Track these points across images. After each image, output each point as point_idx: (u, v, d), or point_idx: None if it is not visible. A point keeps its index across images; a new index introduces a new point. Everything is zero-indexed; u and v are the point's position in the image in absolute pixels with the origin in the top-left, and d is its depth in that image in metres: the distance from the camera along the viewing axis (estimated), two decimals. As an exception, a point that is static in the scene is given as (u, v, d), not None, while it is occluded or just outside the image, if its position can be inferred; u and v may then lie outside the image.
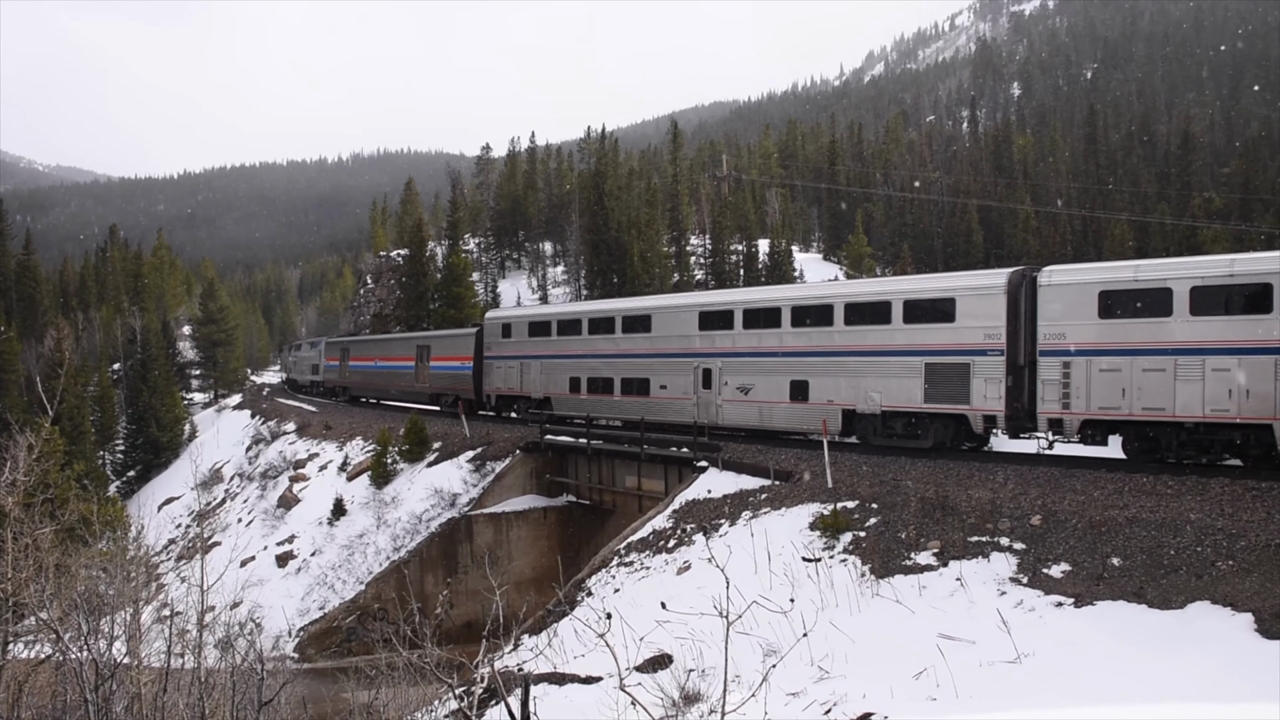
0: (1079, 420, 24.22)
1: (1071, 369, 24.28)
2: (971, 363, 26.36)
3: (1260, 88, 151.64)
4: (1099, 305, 23.87)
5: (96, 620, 13.60)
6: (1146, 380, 22.96)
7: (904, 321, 28.17)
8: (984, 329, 26.19)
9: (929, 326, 27.59)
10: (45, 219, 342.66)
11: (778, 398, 31.74)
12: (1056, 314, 24.59)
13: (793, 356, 31.36)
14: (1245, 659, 12.35)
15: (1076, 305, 24.24)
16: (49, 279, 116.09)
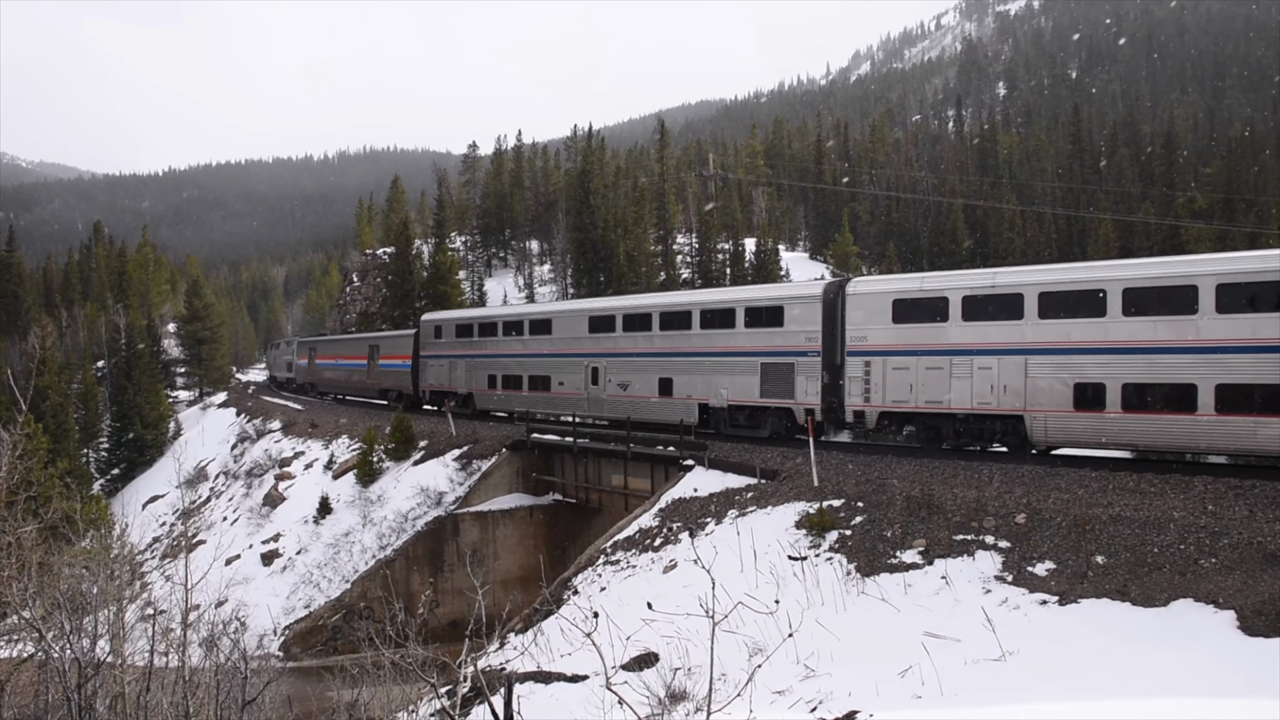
0: (877, 412, 28.07)
1: (871, 368, 28.15)
2: (795, 362, 30.50)
3: (1243, 88, 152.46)
4: (893, 312, 27.73)
5: (80, 619, 13.53)
6: (929, 377, 26.71)
7: (745, 326, 32.44)
8: (805, 333, 30.27)
9: (764, 330, 31.77)
10: (29, 216, 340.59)
11: (650, 393, 35.93)
12: (860, 320, 28.55)
13: (660, 356, 35.68)
14: (1228, 656, 12.43)
15: (876, 312, 28.13)
16: (32, 276, 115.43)
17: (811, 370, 30.00)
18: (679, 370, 34.72)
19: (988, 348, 25.65)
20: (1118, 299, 23.50)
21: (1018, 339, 25.08)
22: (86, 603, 14.80)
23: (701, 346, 33.91)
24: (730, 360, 32.83)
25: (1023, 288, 25.23)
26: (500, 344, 45.61)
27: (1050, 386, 24.50)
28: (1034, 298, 25.03)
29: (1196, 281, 22.26)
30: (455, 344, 49.28)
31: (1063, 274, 25.33)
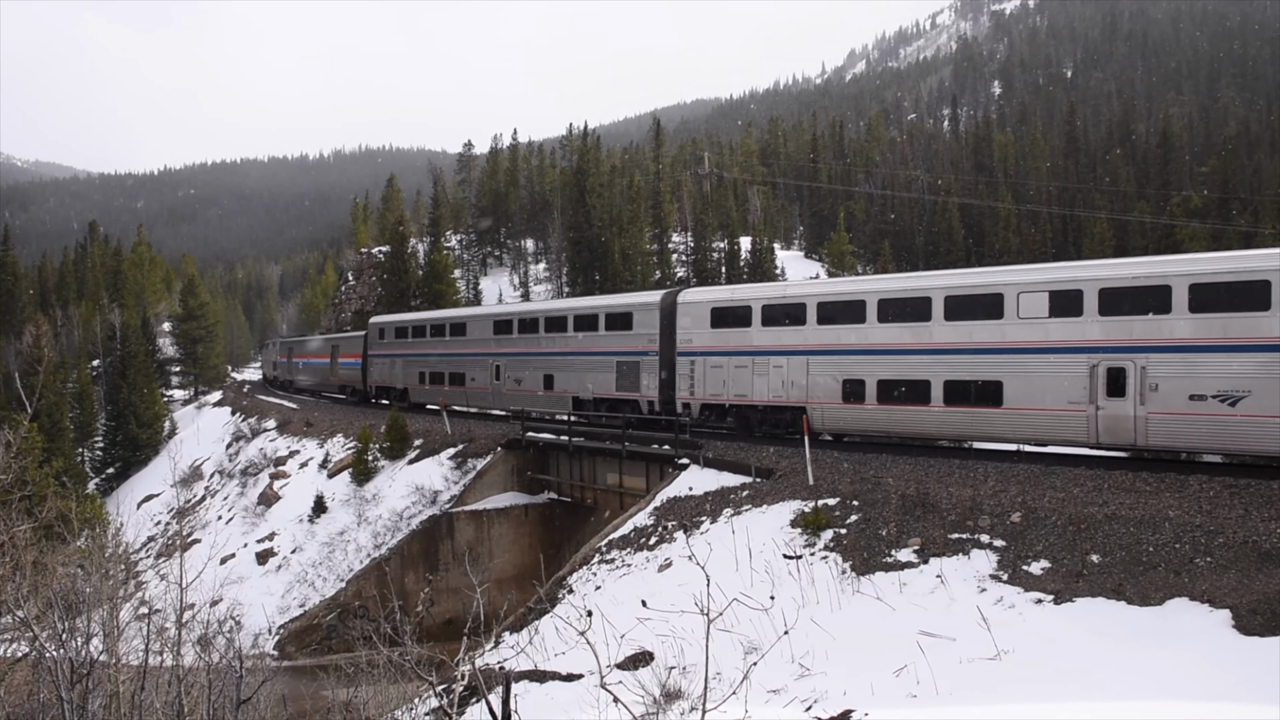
0: (699, 404, 33.62)
1: (695, 366, 33.60)
2: (640, 361, 36.22)
3: (1238, 87, 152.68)
4: (711, 319, 33.13)
5: (74, 618, 13.50)
6: (738, 374, 32.04)
7: (605, 330, 38.49)
8: (647, 336, 35.97)
9: (619, 334, 37.65)
10: (24, 215, 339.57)
11: (537, 388, 42.14)
12: (687, 325, 33.98)
13: (545, 356, 41.97)
14: (1223, 655, 12.43)
15: (699, 319, 33.49)
16: (28, 275, 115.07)
17: (652, 368, 35.68)
18: (558, 368, 41.08)
19: (780, 349, 30.73)
20: (874, 308, 28.24)
21: (801, 342, 30.09)
22: (81, 602, 14.77)
23: (575, 348, 40.17)
24: (595, 359, 38.97)
25: (805, 298, 30.51)
26: (428, 344, 52.28)
27: (825, 382, 29.47)
28: (814, 307, 30.04)
29: (930, 294, 27.14)
30: (395, 344, 55.99)
31: (835, 287, 31.72)
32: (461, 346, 48.63)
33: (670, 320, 34.99)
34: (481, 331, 47.22)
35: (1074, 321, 24.27)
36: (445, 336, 50.18)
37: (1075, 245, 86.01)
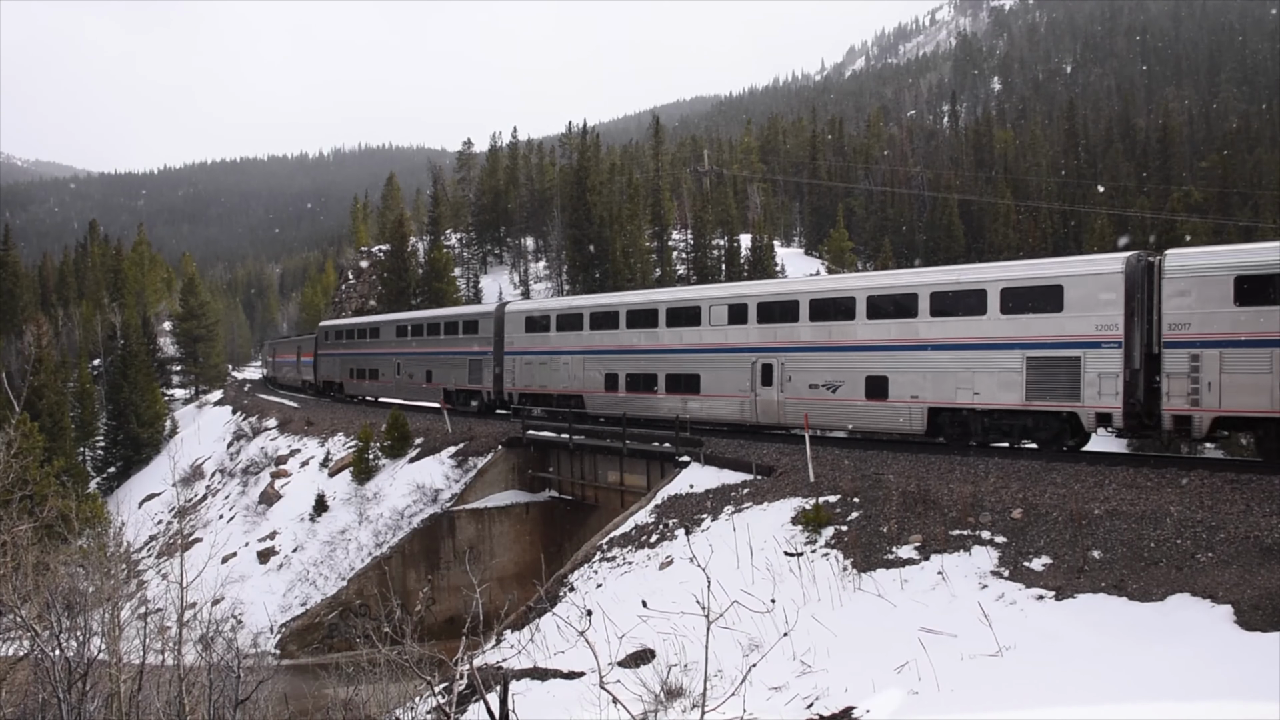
0: (519, 393, 42.76)
1: (516, 363, 43.17)
2: (483, 359, 45.73)
3: (1238, 82, 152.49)
4: (525, 325, 42.57)
5: (74, 618, 13.49)
6: (542, 370, 41.29)
7: (462, 333, 47.86)
8: (486, 339, 45.39)
9: (470, 336, 47.11)
10: (24, 214, 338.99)
11: (421, 381, 51.77)
12: (511, 330, 43.56)
13: (425, 355, 51.79)
14: (1225, 651, 12.41)
15: (517, 325, 43.09)
16: (28, 275, 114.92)
17: (489, 364, 45.11)
18: (434, 365, 50.68)
19: (567, 349, 39.80)
20: (625, 318, 36.98)
21: (579, 344, 39.09)
22: (82, 601, 14.76)
23: (443, 348, 49.71)
24: (454, 357, 48.63)
25: (581, 310, 39.83)
26: (356, 345, 62.09)
27: (594, 375, 38.19)
28: (587, 317, 39.01)
29: (656, 307, 35.93)
30: (335, 345, 66.14)
31: (601, 299, 41.44)
32: (377, 348, 58.26)
33: (501, 327, 44.43)
34: (389, 335, 56.86)
35: (742, 328, 32.06)
36: (367, 339, 59.78)
37: (1075, 241, 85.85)
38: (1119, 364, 22.94)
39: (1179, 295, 21.92)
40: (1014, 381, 24.77)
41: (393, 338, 55.84)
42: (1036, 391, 24.33)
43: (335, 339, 66.05)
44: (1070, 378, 23.72)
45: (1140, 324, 23.03)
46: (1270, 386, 20.55)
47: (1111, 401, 23.03)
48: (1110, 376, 23.06)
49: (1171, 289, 22.09)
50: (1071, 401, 23.70)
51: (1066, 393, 23.75)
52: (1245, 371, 20.89)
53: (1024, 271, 25.97)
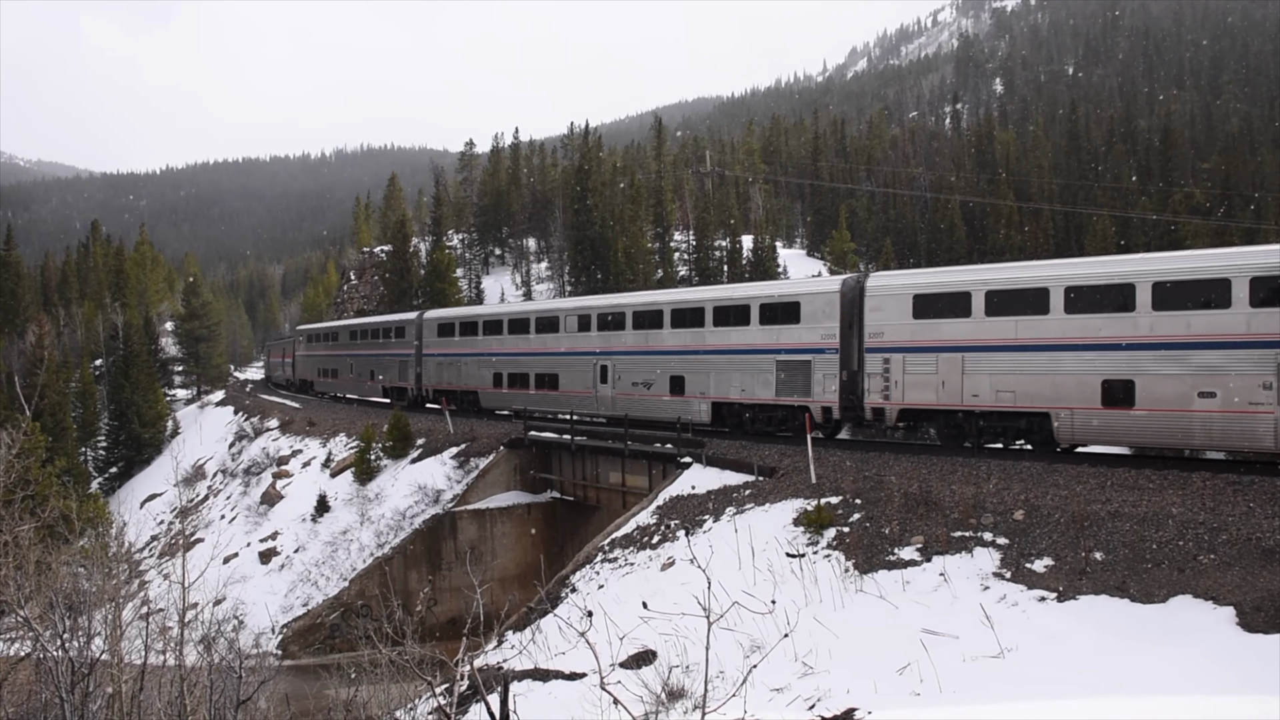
0: (433, 389, 50.83)
1: (427, 362, 51.54)
2: (408, 360, 53.59)
3: (1240, 83, 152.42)
4: (438, 330, 50.30)
5: (76, 618, 13.48)
6: (455, 369, 48.60)
7: (395, 338, 55.79)
8: (410, 343, 53.15)
9: (396, 340, 55.30)
10: (27, 214, 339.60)
11: (365, 380, 60.19)
12: (428, 335, 51.30)
13: (365, 356, 60.31)
14: (1228, 652, 12.40)
15: (432, 330, 50.88)
16: (30, 275, 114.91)
17: (411, 364, 53.21)
18: (375, 365, 58.57)
19: (468, 353, 47.40)
20: (507, 326, 44.38)
21: (474, 348, 47.03)
22: (83, 601, 14.76)
23: (380, 350, 57.52)
24: (386, 358, 57.20)
25: (477, 318, 47.76)
26: (322, 347, 71.03)
27: (482, 374, 45.97)
28: (481, 326, 46.59)
29: (528, 317, 43.40)
30: (309, 347, 75.31)
31: (488, 310, 51.95)
32: (336, 349, 66.30)
33: (420, 332, 52.28)
34: (345, 339, 65.54)
35: (588, 335, 38.60)
36: (330, 342, 67.42)
37: (1077, 242, 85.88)
38: (837, 367, 28.71)
39: (875, 310, 27.36)
40: (769, 381, 30.81)
41: (347, 340, 64.35)
42: (784, 390, 30.31)
43: (308, 342, 75.89)
44: (805, 378, 29.63)
45: (854, 335, 28.46)
46: (935, 384, 26.06)
47: (833, 397, 28.78)
48: (831, 377, 28.82)
49: (871, 305, 27.49)
50: (805, 397, 29.52)
51: (802, 390, 29.68)
52: (920, 372, 26.44)
53: (775, 290, 32.99)
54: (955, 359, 25.62)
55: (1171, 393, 21.92)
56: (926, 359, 26.17)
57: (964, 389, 25.49)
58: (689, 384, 33.63)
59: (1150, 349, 22.24)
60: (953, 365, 25.65)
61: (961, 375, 25.54)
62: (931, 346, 26.08)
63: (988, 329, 25.11)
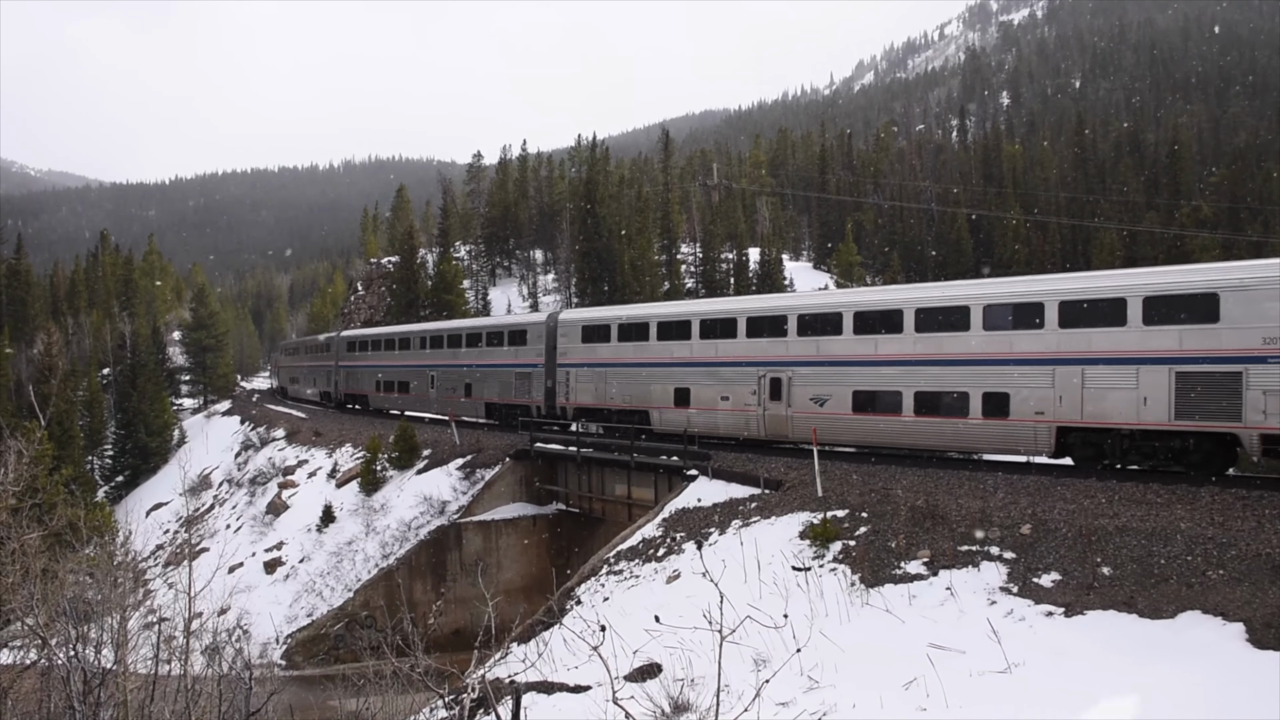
0: (344, 394, 68.62)
1: (341, 370, 68.07)
2: (330, 369, 70.13)
3: (1248, 96, 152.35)
4: (347, 346, 66.44)
5: (83, 626, 13.49)
6: (358, 376, 65.10)
7: (325, 352, 71.73)
8: (332, 355, 69.22)
9: (324, 354, 71.13)
10: (37, 223, 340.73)
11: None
12: (343, 350, 67.89)
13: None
14: (1237, 669, 12.34)
15: (344, 347, 67.76)
16: (40, 283, 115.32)
17: (331, 373, 69.55)
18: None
19: (380, 365, 61.40)
20: (419, 342, 55.43)
21: (377, 360, 61.69)
22: (90, 610, 14.76)
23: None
24: (319, 368, 74.45)
25: (395, 336, 60.36)
26: (293, 359, 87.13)
27: (374, 379, 60.98)
28: (391, 343, 59.12)
29: (443, 334, 53.52)
30: (290, 358, 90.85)
31: (412, 327, 61.04)
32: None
33: (340, 348, 68.44)
34: (316, 349, 77.33)
35: (459, 351, 51.47)
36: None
37: (1084, 256, 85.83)
38: (542, 376, 42.97)
39: (563, 337, 41.36)
40: (509, 385, 46.14)
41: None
42: (518, 393, 45.31)
43: (284, 354, 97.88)
44: (523, 385, 44.71)
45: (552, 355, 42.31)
46: (595, 389, 39.34)
47: (540, 398, 43.03)
48: (539, 383, 43.27)
49: (560, 333, 41.62)
50: (531, 399, 43.99)
51: (529, 393, 44.15)
52: (587, 381, 39.87)
53: (509, 321, 52.01)
54: (602, 373, 39.03)
55: (709, 396, 33.89)
56: (593, 372, 39.74)
57: (609, 394, 38.61)
58: (475, 389, 50.02)
59: (697, 366, 34.73)
60: (600, 377, 39.15)
61: (606, 384, 38.80)
62: (592, 364, 39.74)
63: (621, 352, 38.30)
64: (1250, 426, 21.21)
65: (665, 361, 35.95)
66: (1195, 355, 22.18)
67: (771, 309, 33.03)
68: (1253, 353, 21.22)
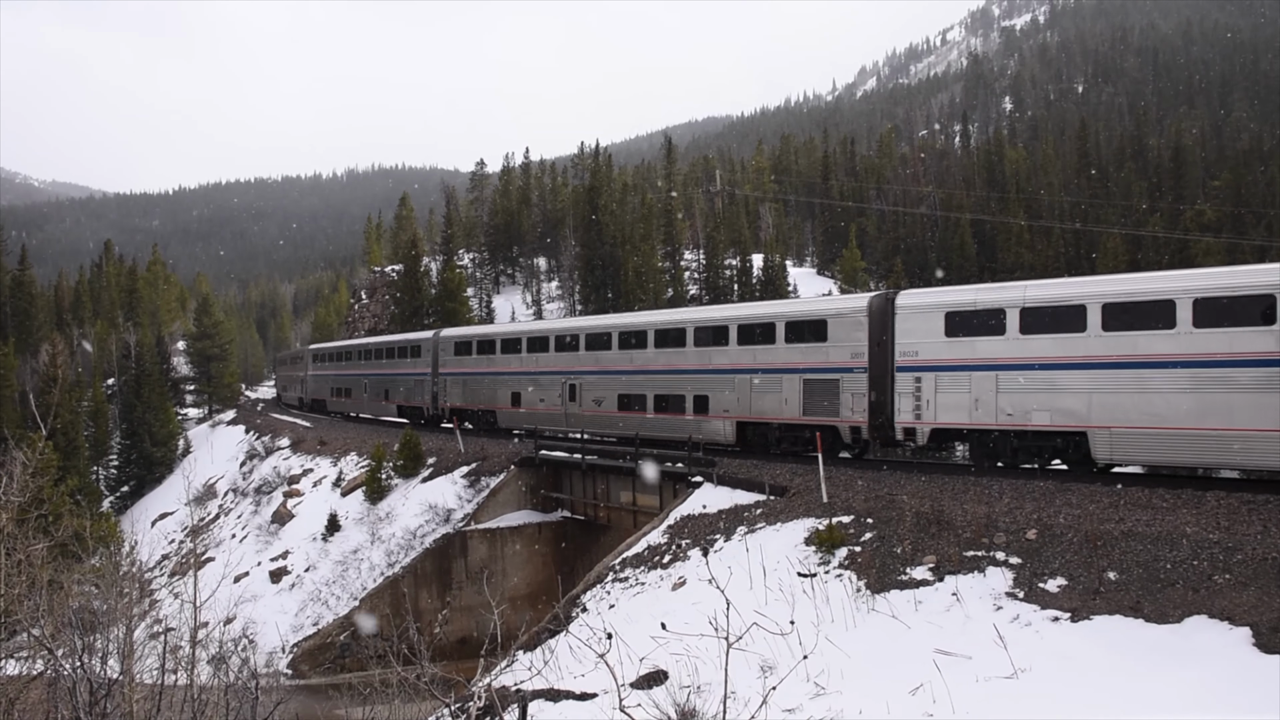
0: (311, 399, 75.56)
1: (310, 378, 75.24)
2: (306, 378, 75.45)
3: (1250, 101, 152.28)
4: (313, 358, 75.41)
5: (89, 637, 13.50)
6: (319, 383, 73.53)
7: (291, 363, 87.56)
8: (304, 364, 77.65)
9: (297, 364, 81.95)
10: (41, 234, 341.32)
11: (298, 393, 75.10)
12: (310, 364, 75.67)
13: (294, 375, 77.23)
14: (1244, 673, 12.33)
15: (314, 359, 74.74)
16: (44, 294, 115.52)
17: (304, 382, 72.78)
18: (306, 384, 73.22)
19: (333, 374, 68.36)
20: (358, 354, 61.80)
21: (333, 370, 68.18)
22: (95, 620, 14.77)
23: (296, 373, 68.81)
24: (296, 377, 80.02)
25: (340, 350, 69.27)
26: (286, 369, 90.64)
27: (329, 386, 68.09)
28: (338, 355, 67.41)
29: (373, 348, 60.87)
30: (282, 369, 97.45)
31: (344, 344, 68.99)
32: (285, 371, 78.55)
33: (309, 360, 74.08)
34: (291, 363, 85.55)
35: (382, 362, 58.74)
36: (284, 366, 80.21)
37: (1088, 260, 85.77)
38: (429, 383, 52.79)
39: (443, 351, 51.02)
40: (411, 390, 54.69)
41: (290, 365, 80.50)
42: (416, 396, 54.40)
43: (280, 365, 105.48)
44: (419, 390, 53.84)
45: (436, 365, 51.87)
46: (462, 393, 45.85)
47: (428, 400, 52.69)
48: (428, 388, 52.32)
49: (441, 348, 50.43)
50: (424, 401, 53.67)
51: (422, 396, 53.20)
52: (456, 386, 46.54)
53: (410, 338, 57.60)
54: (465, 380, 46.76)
55: (532, 399, 41.81)
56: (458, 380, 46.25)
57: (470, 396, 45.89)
58: (393, 393, 57.58)
59: (525, 375, 42.86)
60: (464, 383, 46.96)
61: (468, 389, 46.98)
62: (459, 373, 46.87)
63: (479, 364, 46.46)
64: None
65: (504, 371, 44.38)
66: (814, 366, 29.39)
67: (569, 329, 41.22)
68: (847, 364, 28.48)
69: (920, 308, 26.52)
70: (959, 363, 25.31)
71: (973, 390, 24.96)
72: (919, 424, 26.29)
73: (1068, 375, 23.22)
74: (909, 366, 26.50)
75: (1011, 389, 24.19)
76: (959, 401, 25.30)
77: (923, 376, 26.11)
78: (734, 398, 32.01)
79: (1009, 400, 24.23)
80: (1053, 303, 23.68)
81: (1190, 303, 21.38)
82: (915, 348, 26.29)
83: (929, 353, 25.99)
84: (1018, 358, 24.07)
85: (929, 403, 25.95)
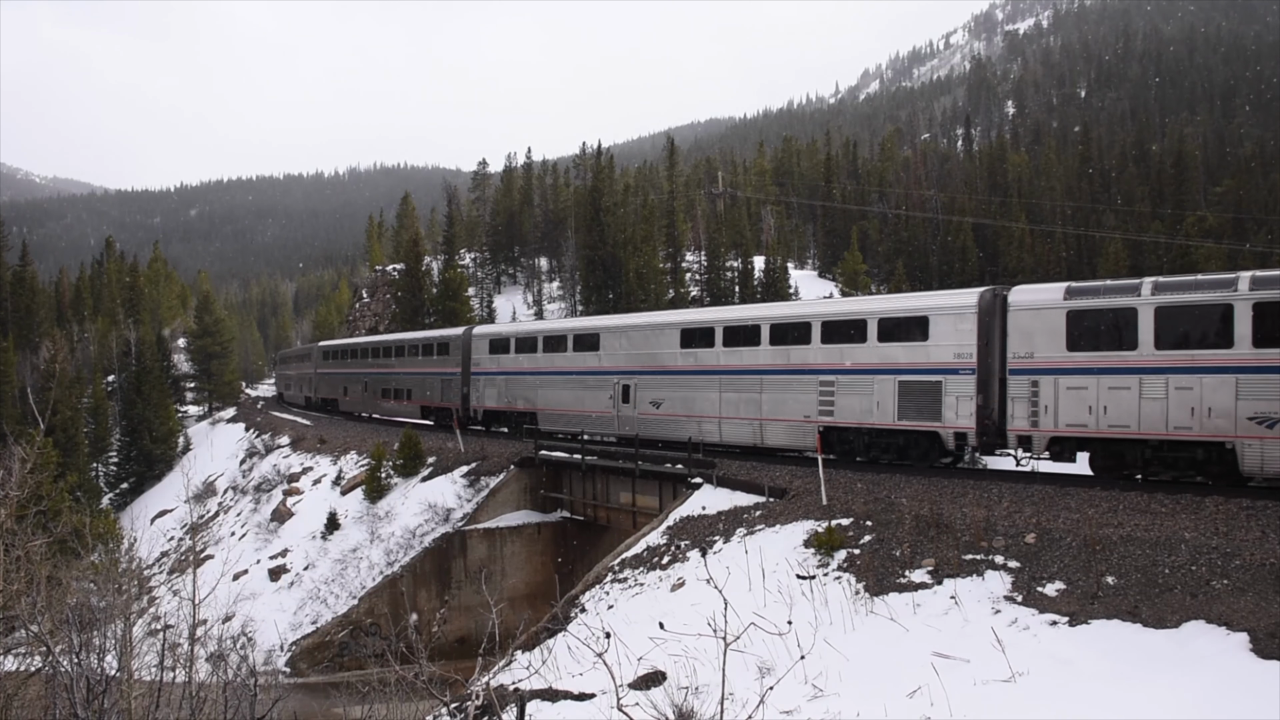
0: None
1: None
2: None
3: (1253, 107, 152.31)
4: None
5: (88, 634, 13.51)
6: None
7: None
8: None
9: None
10: (42, 230, 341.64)
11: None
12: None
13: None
14: (1241, 679, 12.34)
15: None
16: (45, 291, 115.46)
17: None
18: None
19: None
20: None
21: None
22: (94, 617, 14.78)
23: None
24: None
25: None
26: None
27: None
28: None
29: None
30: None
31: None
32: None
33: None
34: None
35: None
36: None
37: (1090, 265, 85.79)
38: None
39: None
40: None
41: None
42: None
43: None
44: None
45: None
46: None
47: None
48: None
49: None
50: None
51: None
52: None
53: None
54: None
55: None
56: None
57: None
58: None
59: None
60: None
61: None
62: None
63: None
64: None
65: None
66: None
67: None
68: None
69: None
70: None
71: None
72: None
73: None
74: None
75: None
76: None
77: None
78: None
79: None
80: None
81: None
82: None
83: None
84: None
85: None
